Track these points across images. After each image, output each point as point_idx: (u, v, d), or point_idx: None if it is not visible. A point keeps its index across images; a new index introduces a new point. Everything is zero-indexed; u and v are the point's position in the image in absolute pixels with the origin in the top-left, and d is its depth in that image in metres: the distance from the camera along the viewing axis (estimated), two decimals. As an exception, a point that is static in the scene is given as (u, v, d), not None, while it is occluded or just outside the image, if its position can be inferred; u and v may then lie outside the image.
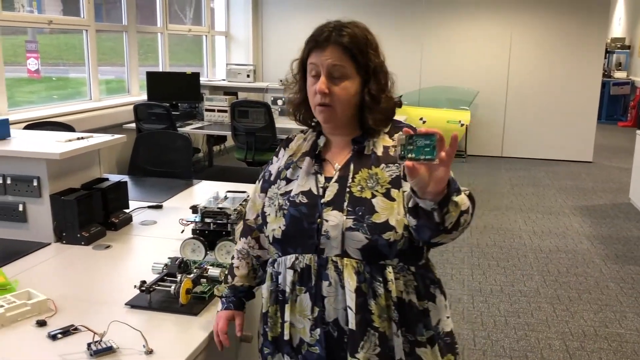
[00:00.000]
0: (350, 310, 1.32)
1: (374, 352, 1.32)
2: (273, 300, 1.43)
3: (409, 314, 1.36)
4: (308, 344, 1.37)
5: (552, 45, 7.97)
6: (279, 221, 1.40)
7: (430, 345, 1.38)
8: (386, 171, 1.37)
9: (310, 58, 1.40)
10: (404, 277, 1.36)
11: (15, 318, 1.54)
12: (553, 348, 3.12)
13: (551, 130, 8.18)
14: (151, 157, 3.40)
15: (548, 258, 4.46)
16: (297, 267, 1.37)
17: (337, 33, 1.37)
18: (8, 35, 4.52)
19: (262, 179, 1.55)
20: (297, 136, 1.55)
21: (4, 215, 2.16)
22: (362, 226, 1.31)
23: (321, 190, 1.39)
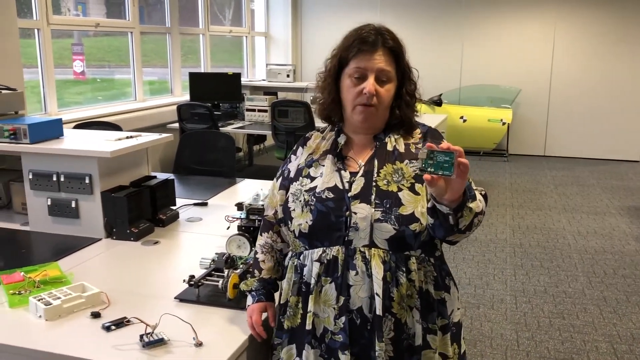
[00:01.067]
0: (377, 297, 1.37)
1: (388, 336, 1.39)
2: (295, 291, 1.48)
3: (426, 303, 1.43)
4: (332, 332, 1.42)
5: (597, 40, 7.77)
6: (306, 216, 1.46)
7: (442, 333, 1.47)
8: (410, 167, 1.45)
9: (355, 61, 1.45)
10: (424, 267, 1.44)
11: (72, 309, 1.60)
12: (600, 351, 3.05)
13: (596, 129, 7.98)
14: (196, 156, 3.47)
15: (594, 259, 4.35)
16: (324, 260, 1.43)
17: (382, 37, 1.45)
18: (54, 39, 4.67)
19: (280, 176, 1.61)
20: (314, 135, 1.61)
21: (58, 211, 2.24)
22: (390, 218, 1.39)
23: (347, 185, 1.45)
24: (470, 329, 3.26)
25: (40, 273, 1.79)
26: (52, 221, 2.27)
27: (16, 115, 2.40)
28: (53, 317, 1.56)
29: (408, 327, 1.41)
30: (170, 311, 1.58)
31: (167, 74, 6.41)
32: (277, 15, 8.72)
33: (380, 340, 1.38)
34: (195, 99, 5.90)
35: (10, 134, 2.23)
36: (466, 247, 4.52)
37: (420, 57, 8.57)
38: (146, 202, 2.31)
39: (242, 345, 1.47)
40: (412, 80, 1.51)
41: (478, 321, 3.36)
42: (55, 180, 2.22)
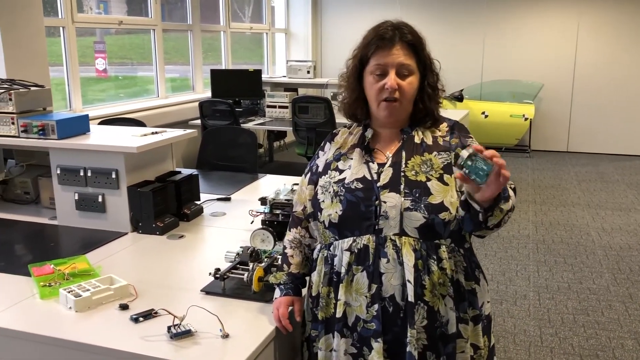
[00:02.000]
0: (409, 284, 1.40)
1: (421, 324, 1.41)
2: (326, 282, 1.51)
3: (457, 292, 1.46)
4: (364, 320, 1.43)
5: (623, 34, 7.64)
6: (336, 206, 1.48)
7: (474, 323, 1.49)
8: (439, 158, 1.48)
9: (375, 58, 1.48)
10: (454, 257, 1.46)
11: (100, 301, 1.63)
12: (626, 348, 3.01)
13: (621, 124, 7.86)
14: (218, 152, 3.50)
15: (619, 256, 4.29)
16: (354, 249, 1.45)
17: (400, 32, 1.48)
18: (77, 37, 4.74)
19: (309, 172, 1.64)
20: (341, 131, 1.65)
21: (85, 205, 2.28)
22: (420, 206, 1.41)
23: (375, 175, 1.48)
24: (493, 325, 3.24)
25: (69, 266, 1.82)
26: (79, 215, 2.31)
27: (44, 111, 2.44)
28: (83, 308, 1.59)
29: (441, 315, 1.43)
30: (197, 303, 1.60)
31: (189, 71, 6.46)
32: (297, 11, 8.73)
33: (412, 327, 1.39)
34: (217, 96, 5.94)
35: (38, 130, 2.28)
36: (488, 243, 4.48)
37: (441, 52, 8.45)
38: (171, 197, 2.33)
39: (268, 337, 1.48)
40: (434, 72, 1.54)
41: (501, 317, 3.34)
42: (82, 175, 2.26)
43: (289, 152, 7.61)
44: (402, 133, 1.54)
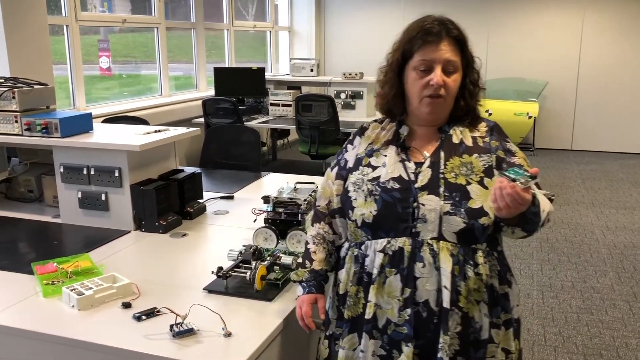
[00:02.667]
0: (445, 290, 1.36)
1: (455, 330, 1.38)
2: (356, 281, 1.48)
3: (491, 297, 1.42)
4: (395, 324, 1.40)
5: (627, 30, 7.61)
6: (370, 206, 1.44)
7: (505, 328, 1.45)
8: (480, 160, 1.44)
9: (420, 54, 1.44)
10: (489, 261, 1.43)
11: (103, 300, 1.63)
12: (630, 347, 3.00)
13: (626, 122, 7.83)
14: (221, 150, 3.50)
15: (623, 254, 4.28)
16: (389, 251, 1.42)
17: (446, 27, 1.44)
18: (81, 35, 4.74)
19: (336, 166, 1.60)
20: (372, 125, 1.59)
21: (88, 204, 2.28)
22: (460, 211, 1.38)
23: (412, 176, 1.43)
24: (496, 324, 3.24)
25: (72, 264, 1.82)
26: (82, 214, 2.31)
27: (47, 110, 2.44)
28: (85, 306, 1.59)
29: (475, 321, 1.40)
30: (200, 302, 1.60)
31: (192, 69, 6.46)
32: (300, 9, 8.72)
33: (445, 334, 1.37)
34: (220, 94, 5.94)
35: (42, 128, 2.28)
36: (492, 241, 4.47)
37: (445, 50, 8.47)
38: (174, 195, 2.33)
39: (270, 335, 1.48)
40: (475, 69, 1.50)
41: (504, 316, 3.34)
42: (85, 173, 2.26)
43: (292, 151, 7.61)
44: (440, 132, 1.49)
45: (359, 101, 5.82)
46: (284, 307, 1.61)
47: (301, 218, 2.02)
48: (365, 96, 5.79)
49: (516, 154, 1.49)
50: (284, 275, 1.75)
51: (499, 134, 1.51)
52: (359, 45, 8.54)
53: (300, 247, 1.96)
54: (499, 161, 1.44)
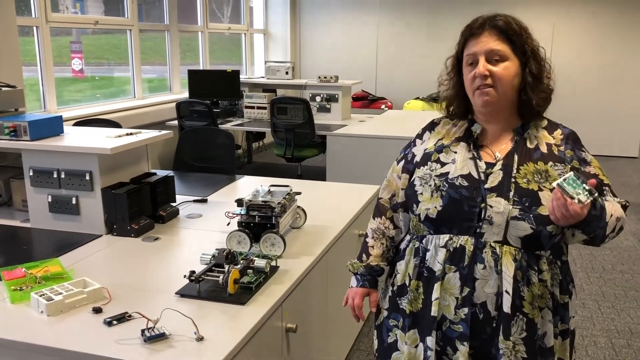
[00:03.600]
0: (507, 295, 1.35)
1: (519, 336, 1.37)
2: (416, 275, 1.47)
3: (553, 305, 1.42)
4: (451, 321, 1.41)
5: (596, 36, 7.78)
6: (435, 201, 1.44)
7: (562, 338, 1.44)
8: (555, 170, 1.41)
9: (467, 49, 1.46)
10: (552, 269, 1.42)
11: (73, 305, 1.61)
12: (598, 345, 3.07)
13: (595, 125, 7.99)
14: (195, 153, 3.48)
15: (592, 255, 4.37)
16: (450, 247, 1.41)
17: (491, 19, 1.44)
18: (52, 37, 4.67)
19: (402, 159, 1.60)
20: (443, 121, 1.59)
21: (59, 208, 2.25)
22: (529, 216, 1.36)
23: (482, 176, 1.43)
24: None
25: (41, 269, 1.80)
26: (52, 218, 2.28)
27: (16, 112, 2.40)
28: (55, 312, 1.57)
29: (539, 328, 1.39)
30: (172, 306, 1.59)
31: (166, 71, 6.41)
32: (275, 12, 8.72)
33: (507, 338, 1.36)
34: (194, 97, 5.90)
35: (10, 131, 2.24)
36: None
37: (420, 54, 8.59)
38: (146, 199, 2.31)
39: (243, 339, 1.47)
40: (537, 60, 1.45)
41: (477, 317, 3.37)
42: (55, 177, 2.23)
43: (267, 153, 7.60)
44: (515, 134, 1.47)
45: (334, 104, 5.83)
46: (258, 311, 1.61)
47: (275, 221, 2.02)
48: (340, 99, 5.81)
49: (591, 163, 1.47)
50: (257, 278, 1.74)
51: (574, 142, 1.48)
52: (334, 49, 8.57)
53: (274, 250, 1.97)
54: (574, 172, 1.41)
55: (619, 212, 1.38)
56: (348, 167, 4.84)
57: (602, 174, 1.46)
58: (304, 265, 1.92)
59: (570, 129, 1.53)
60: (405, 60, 8.23)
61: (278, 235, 1.97)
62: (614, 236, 1.39)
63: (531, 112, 1.47)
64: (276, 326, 1.71)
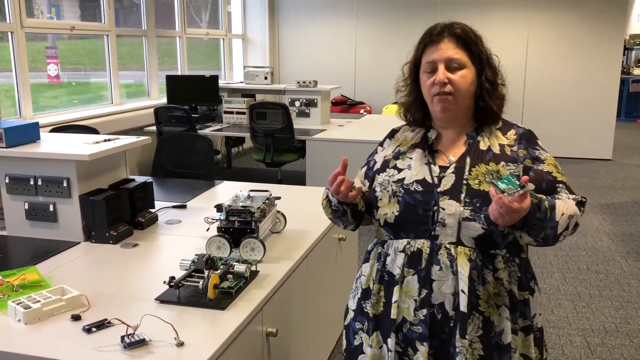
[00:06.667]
0: (463, 294, 1.38)
1: (476, 334, 1.40)
2: (378, 279, 1.51)
3: (510, 302, 1.44)
4: (411, 322, 1.44)
5: (569, 42, 7.93)
6: (393, 206, 1.48)
7: (524, 334, 1.46)
8: (507, 169, 1.45)
9: (425, 57, 1.49)
10: (509, 267, 1.45)
11: (51, 312, 1.60)
12: (574, 344, 3.12)
13: (569, 128, 8.13)
14: (174, 158, 3.47)
15: (568, 256, 4.45)
16: (408, 251, 1.45)
17: (449, 27, 1.48)
18: (27, 42, 4.62)
19: (365, 166, 1.65)
20: (402, 128, 1.64)
21: (36, 215, 2.23)
22: (479, 217, 1.39)
23: (436, 180, 1.46)
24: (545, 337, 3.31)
25: (18, 277, 1.78)
26: (29, 225, 2.25)
27: (-9, 119, 2.38)
28: (33, 320, 1.56)
29: (495, 325, 1.41)
30: (151, 312, 1.59)
31: (144, 76, 6.37)
32: (254, 17, 8.72)
33: (463, 337, 1.38)
34: (173, 102, 5.88)
35: (-15, 138, 2.21)
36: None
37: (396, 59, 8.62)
38: (125, 205, 2.30)
39: (223, 344, 1.48)
40: (491, 66, 1.50)
41: (456, 318, 3.41)
42: (32, 184, 2.21)
43: (247, 158, 7.59)
44: (468, 137, 1.51)
45: (314, 109, 5.86)
46: (238, 316, 1.61)
47: (255, 226, 2.03)
48: (319, 104, 5.84)
49: (545, 160, 1.49)
50: (238, 283, 1.75)
51: (527, 141, 1.51)
52: (312, 54, 8.60)
53: (254, 255, 1.97)
54: (526, 170, 1.45)
55: (572, 210, 1.39)
56: (328, 172, 4.81)
57: (556, 171, 1.49)
58: (284, 270, 1.93)
59: (525, 129, 1.56)
60: (384, 65, 8.29)
61: (258, 240, 1.98)
62: (569, 234, 1.40)
63: (488, 117, 1.51)
64: (257, 331, 1.72)
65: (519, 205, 1.26)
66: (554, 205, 1.36)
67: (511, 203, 1.25)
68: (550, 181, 1.46)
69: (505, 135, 1.52)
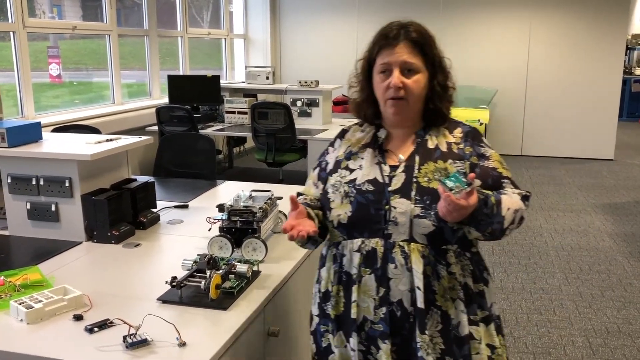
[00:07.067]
0: (419, 291, 1.41)
1: (436, 329, 1.43)
2: (336, 280, 1.52)
3: (466, 295, 1.46)
4: (372, 321, 1.46)
5: (571, 42, 7.92)
6: (345, 207, 1.49)
7: (485, 324, 1.49)
8: (454, 166, 1.48)
9: (380, 57, 1.50)
10: (461, 262, 1.48)
11: (53, 312, 1.60)
12: (576, 345, 3.12)
13: (571, 128, 8.13)
14: (176, 158, 3.47)
15: (570, 256, 4.44)
16: (363, 251, 1.46)
17: (405, 30, 1.50)
18: (29, 42, 4.62)
19: (318, 167, 1.65)
20: (352, 128, 1.65)
21: (38, 215, 2.23)
22: (430, 214, 1.42)
23: (387, 179, 1.48)
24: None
25: (20, 277, 1.78)
26: (31, 225, 2.26)
27: (-7, 119, 2.38)
28: (35, 320, 1.56)
29: (452, 318, 1.45)
30: (153, 312, 1.59)
31: (146, 76, 6.38)
32: (255, 17, 8.72)
33: (423, 332, 1.41)
34: (174, 102, 5.88)
35: (-12, 138, 2.22)
36: (445, 246, 4.57)
37: (399, 58, 8.63)
38: (127, 205, 2.30)
39: (225, 344, 1.48)
40: (443, 70, 1.54)
41: (458, 318, 3.41)
42: (34, 184, 2.21)
43: (248, 158, 7.59)
44: (416, 136, 1.54)
45: (315, 109, 5.86)
46: (240, 316, 1.61)
47: (256, 226, 2.03)
48: (321, 104, 5.84)
49: (491, 157, 1.52)
50: (239, 283, 1.75)
51: (473, 139, 1.54)
52: (314, 53, 8.60)
53: (256, 255, 1.97)
54: (473, 167, 1.48)
55: (517, 204, 1.42)
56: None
57: (501, 167, 1.52)
58: (285, 270, 1.93)
59: (470, 126, 1.59)
60: (385, 65, 8.28)
61: (260, 240, 1.97)
62: (514, 227, 1.43)
63: (437, 119, 1.54)
64: (258, 331, 1.72)
65: (466, 202, 1.29)
66: (500, 200, 1.39)
67: (458, 200, 1.28)
68: (496, 177, 1.49)
69: (452, 133, 1.55)
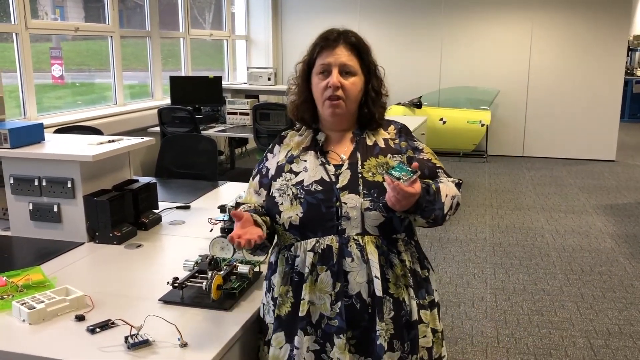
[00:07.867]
0: (377, 280, 1.46)
1: (389, 316, 1.49)
2: (286, 281, 1.54)
3: (415, 281, 1.56)
4: (328, 317, 1.48)
5: (573, 43, 7.92)
6: (296, 209, 1.52)
7: (430, 309, 1.58)
8: (394, 160, 1.56)
9: (320, 58, 1.55)
10: (409, 249, 1.56)
11: (56, 313, 1.60)
12: (577, 346, 3.12)
13: (573, 129, 8.12)
14: (177, 159, 3.47)
15: (571, 257, 4.44)
16: (318, 249, 1.49)
17: (345, 34, 1.57)
18: (32, 43, 4.64)
19: (257, 174, 1.67)
20: (289, 133, 1.69)
21: (40, 216, 2.24)
22: (378, 206, 1.48)
23: (334, 177, 1.53)
24: (451, 327, 3.31)
25: (23, 277, 1.79)
26: (33, 226, 2.26)
27: (-4, 120, 2.39)
28: (37, 320, 1.57)
29: (405, 304, 1.51)
30: (155, 313, 1.59)
31: (148, 77, 6.39)
32: (257, 18, 8.74)
33: (382, 320, 1.46)
34: (176, 103, 5.90)
35: (-10, 139, 2.22)
36: (447, 246, 4.58)
37: (400, 60, 8.66)
38: (128, 206, 2.31)
39: (226, 345, 1.48)
40: (377, 77, 1.60)
41: (459, 319, 3.42)
42: (36, 184, 2.22)
43: (251, 159, 7.59)
44: (354, 135, 1.60)
45: (316, 110, 5.86)
46: (241, 316, 1.62)
47: (257, 227, 2.03)
48: (322, 105, 5.84)
49: (424, 150, 1.63)
50: (241, 284, 1.76)
51: (406, 135, 1.64)
52: (316, 54, 8.59)
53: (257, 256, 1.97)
54: (410, 160, 1.57)
55: (453, 191, 1.54)
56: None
57: (434, 159, 1.63)
58: (287, 271, 1.93)
59: (401, 124, 1.68)
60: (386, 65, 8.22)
61: (261, 241, 1.98)
62: (452, 213, 1.54)
63: (370, 123, 1.60)
64: (260, 331, 1.72)
65: (414, 189, 1.36)
66: (438, 188, 1.50)
67: (407, 188, 1.35)
68: (431, 167, 1.60)
69: (387, 130, 1.64)
